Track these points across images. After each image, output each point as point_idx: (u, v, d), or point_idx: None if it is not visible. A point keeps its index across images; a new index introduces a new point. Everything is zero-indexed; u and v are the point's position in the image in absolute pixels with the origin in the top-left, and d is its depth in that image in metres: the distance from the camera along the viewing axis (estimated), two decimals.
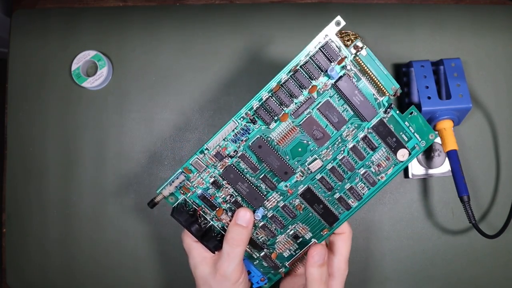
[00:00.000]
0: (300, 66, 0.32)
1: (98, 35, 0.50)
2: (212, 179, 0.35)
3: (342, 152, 0.34)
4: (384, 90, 0.33)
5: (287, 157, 0.34)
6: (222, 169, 0.34)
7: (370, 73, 0.32)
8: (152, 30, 0.50)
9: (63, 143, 0.49)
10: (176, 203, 0.36)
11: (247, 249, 0.37)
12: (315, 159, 0.34)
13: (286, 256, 0.37)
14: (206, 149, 0.34)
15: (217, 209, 0.35)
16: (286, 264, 0.37)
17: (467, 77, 0.46)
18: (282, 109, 0.33)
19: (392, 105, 0.33)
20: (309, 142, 0.34)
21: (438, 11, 0.50)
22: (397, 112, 0.33)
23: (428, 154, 0.47)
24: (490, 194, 0.48)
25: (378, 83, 0.32)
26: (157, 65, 0.50)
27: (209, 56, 0.50)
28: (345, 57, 0.32)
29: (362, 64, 0.32)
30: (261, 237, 0.36)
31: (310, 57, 0.32)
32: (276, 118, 0.33)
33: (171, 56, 0.50)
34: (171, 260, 0.48)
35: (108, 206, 0.48)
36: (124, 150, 0.49)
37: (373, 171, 0.35)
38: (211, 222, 0.36)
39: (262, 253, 0.37)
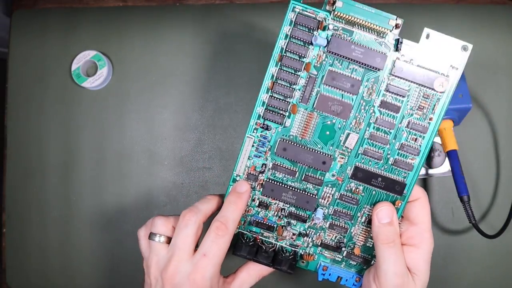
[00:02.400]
0: (284, 52, 0.29)
1: (98, 35, 0.50)
2: (257, 202, 0.33)
3: (372, 114, 0.30)
4: (383, 29, 0.29)
5: (319, 146, 0.31)
6: (261, 188, 0.32)
7: (358, 21, 0.29)
8: (152, 30, 0.50)
9: (63, 143, 0.49)
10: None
11: (328, 254, 0.34)
12: (348, 134, 0.31)
13: (371, 246, 0.34)
14: (237, 175, 0.32)
15: (276, 228, 0.34)
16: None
17: (467, 77, 0.46)
18: (288, 101, 0.30)
19: (401, 39, 0.29)
20: (334, 121, 0.31)
21: (438, 11, 0.50)
22: (411, 43, 0.30)
23: (428, 154, 0.47)
24: (490, 194, 0.48)
25: (372, 26, 0.29)
26: (157, 65, 0.50)
27: (209, 56, 0.50)
28: (324, 18, 0.29)
29: (345, 16, 0.29)
30: (335, 237, 0.34)
31: (289, 38, 0.29)
32: (286, 113, 0.31)
33: (171, 56, 0.50)
34: None
35: (108, 206, 0.48)
36: (124, 150, 0.49)
37: (417, 117, 0.30)
38: (278, 244, 0.34)
39: (344, 253, 0.34)
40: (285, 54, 0.29)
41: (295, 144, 0.31)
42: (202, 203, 0.32)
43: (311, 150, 0.31)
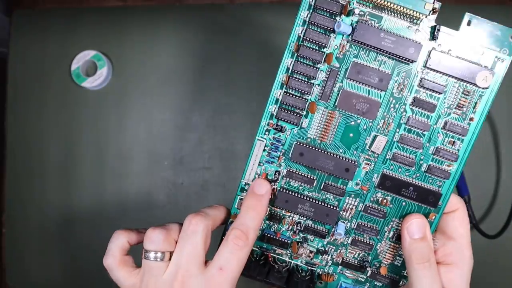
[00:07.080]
0: (302, 41, 0.26)
1: (98, 35, 0.50)
2: (268, 214, 0.29)
3: (404, 113, 0.27)
4: (417, 15, 0.25)
5: (341, 150, 0.27)
6: (273, 199, 0.28)
7: (388, 4, 0.25)
8: (152, 30, 0.50)
9: (63, 143, 0.49)
10: None
11: (350, 274, 0.30)
12: (375, 136, 0.27)
13: (399, 264, 0.30)
14: (246, 184, 0.28)
15: (290, 244, 0.29)
16: (405, 273, 0.29)
17: None
18: (305, 99, 0.26)
19: (438, 26, 0.25)
20: (358, 121, 0.27)
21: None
22: (449, 30, 0.26)
23: None
24: (490, 194, 0.48)
25: (405, 10, 0.25)
26: (157, 65, 0.50)
27: (209, 56, 0.50)
28: (348, 1, 0.25)
29: None
30: (358, 255, 0.30)
31: (308, 25, 0.26)
32: (304, 112, 0.27)
33: (171, 56, 0.50)
34: None
35: (108, 206, 0.48)
36: (124, 150, 0.49)
37: (456, 117, 0.27)
38: (292, 262, 0.30)
39: (369, 273, 0.30)
40: (302, 44, 0.26)
41: (313, 148, 0.27)
42: (211, 209, 0.28)
43: (332, 155, 0.27)
